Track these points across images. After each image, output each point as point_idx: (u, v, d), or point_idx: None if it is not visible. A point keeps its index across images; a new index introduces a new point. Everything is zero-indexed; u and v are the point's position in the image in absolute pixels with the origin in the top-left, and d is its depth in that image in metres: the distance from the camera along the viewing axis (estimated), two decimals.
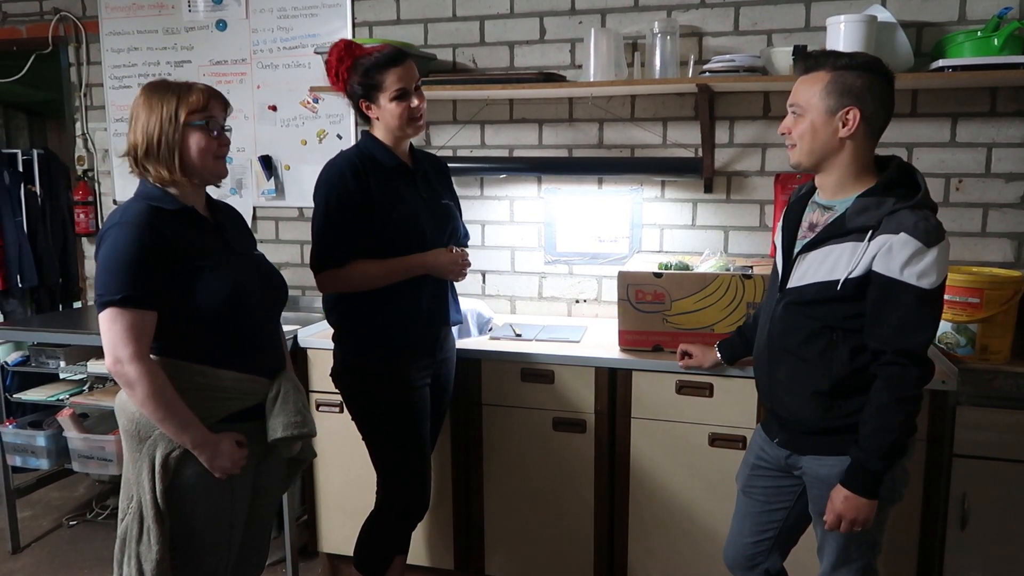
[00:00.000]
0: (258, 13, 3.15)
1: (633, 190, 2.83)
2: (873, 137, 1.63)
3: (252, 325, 1.76)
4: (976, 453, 2.09)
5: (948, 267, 1.59)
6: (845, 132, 1.59)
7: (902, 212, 1.56)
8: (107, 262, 1.59)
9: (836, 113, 1.59)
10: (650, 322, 2.32)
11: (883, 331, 1.58)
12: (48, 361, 2.94)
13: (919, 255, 1.52)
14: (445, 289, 2.19)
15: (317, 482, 2.66)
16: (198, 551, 1.72)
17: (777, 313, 1.74)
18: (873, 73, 1.59)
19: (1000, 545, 2.12)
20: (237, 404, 1.73)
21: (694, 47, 2.67)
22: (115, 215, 1.64)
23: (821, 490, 1.70)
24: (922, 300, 1.54)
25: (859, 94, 1.58)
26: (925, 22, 2.49)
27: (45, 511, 3.35)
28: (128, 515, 1.70)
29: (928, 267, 1.53)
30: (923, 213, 1.56)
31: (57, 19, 3.41)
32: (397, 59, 2.01)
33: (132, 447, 1.70)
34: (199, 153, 1.68)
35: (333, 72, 2.06)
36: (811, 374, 1.67)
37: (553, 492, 2.45)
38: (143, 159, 1.66)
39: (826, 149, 1.63)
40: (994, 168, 2.50)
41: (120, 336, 1.57)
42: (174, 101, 1.65)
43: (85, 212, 3.50)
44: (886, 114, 1.63)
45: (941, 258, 1.54)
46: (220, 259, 1.71)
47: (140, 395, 1.59)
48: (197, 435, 1.64)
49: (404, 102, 2.01)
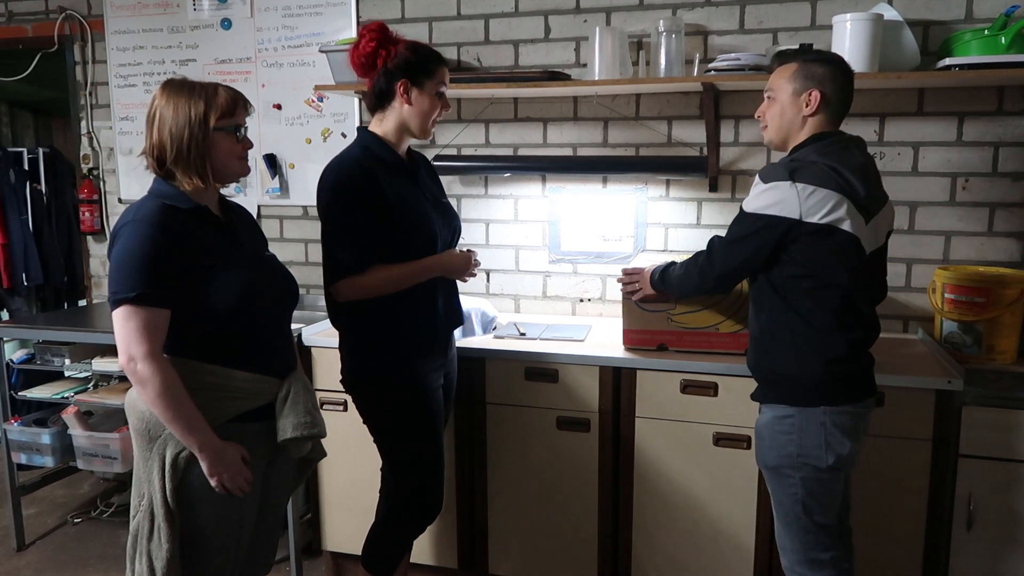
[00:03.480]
0: (263, 12, 3.16)
1: (638, 189, 2.83)
2: (832, 121, 1.83)
3: (264, 325, 1.75)
4: (982, 453, 2.09)
5: (790, 201, 1.71)
6: (808, 111, 1.81)
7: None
8: (121, 259, 1.58)
9: (800, 95, 1.81)
10: (655, 321, 2.31)
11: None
12: (53, 359, 2.95)
13: (755, 187, 1.79)
14: (455, 289, 2.20)
15: (321, 481, 2.66)
16: (207, 550, 1.72)
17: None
18: (834, 65, 1.82)
19: (1006, 545, 2.11)
20: (248, 404, 1.72)
21: (699, 46, 2.67)
22: (129, 212, 1.63)
23: (758, 439, 1.90)
24: (739, 215, 1.82)
25: (821, 79, 1.80)
26: (932, 20, 2.48)
27: (50, 508, 3.36)
28: (140, 512, 1.70)
29: (753, 195, 1.78)
30: (784, 161, 1.79)
31: (63, 18, 3.42)
32: (446, 60, 2.08)
33: (143, 446, 1.69)
34: (227, 157, 1.68)
35: (374, 45, 1.96)
36: (752, 321, 1.92)
37: (557, 491, 2.45)
38: (172, 164, 1.64)
39: (791, 127, 1.85)
40: (1001, 167, 2.49)
41: (134, 334, 1.57)
42: (201, 104, 1.64)
43: (90, 210, 3.51)
44: (844, 101, 1.83)
45: (773, 191, 1.73)
46: (233, 259, 1.70)
47: (151, 393, 1.58)
48: (204, 438, 1.63)
49: (441, 101, 2.04)
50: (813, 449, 1.78)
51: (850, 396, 1.79)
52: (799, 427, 1.79)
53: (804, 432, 1.79)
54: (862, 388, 1.83)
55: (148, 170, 1.71)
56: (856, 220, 1.72)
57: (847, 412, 1.78)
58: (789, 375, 1.81)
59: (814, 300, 1.76)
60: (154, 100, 1.67)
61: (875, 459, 2.12)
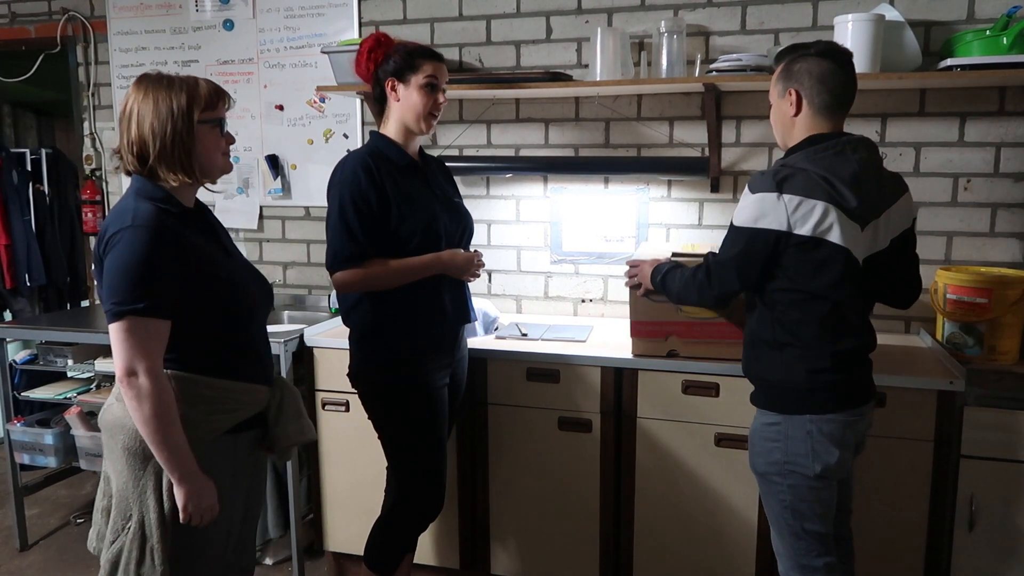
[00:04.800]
0: (265, 13, 3.16)
1: (639, 189, 2.83)
2: (820, 114, 1.75)
3: (255, 331, 1.72)
4: (984, 454, 2.09)
5: (778, 213, 1.67)
6: (791, 111, 1.77)
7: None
8: (123, 268, 1.48)
9: (784, 96, 1.78)
10: (663, 312, 2.24)
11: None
12: (56, 359, 2.95)
13: (743, 198, 1.74)
14: (464, 288, 2.21)
15: (323, 481, 2.66)
16: (200, 565, 1.66)
17: None
18: (812, 56, 1.74)
19: (1008, 546, 2.11)
20: (242, 414, 1.66)
21: (701, 46, 2.67)
22: (125, 216, 1.52)
23: (749, 444, 1.87)
24: (730, 229, 1.77)
25: (797, 76, 1.75)
26: (933, 21, 2.48)
27: (53, 509, 3.36)
28: (124, 536, 1.60)
29: (741, 207, 1.73)
30: (773, 169, 1.72)
31: (65, 19, 3.42)
32: (437, 56, 2.11)
33: (134, 465, 1.58)
34: (211, 152, 1.61)
35: (367, 51, 2.10)
36: (745, 325, 1.90)
37: (559, 491, 2.45)
38: (155, 160, 1.56)
39: (785, 129, 1.81)
40: (1002, 168, 2.49)
41: (138, 347, 1.49)
42: (183, 97, 1.56)
43: (93, 211, 3.52)
44: (832, 92, 1.73)
45: (759, 203, 1.68)
46: (224, 265, 1.65)
47: (147, 411, 1.49)
48: (187, 468, 1.54)
49: (431, 95, 2.06)
50: (800, 457, 1.74)
51: (837, 405, 1.74)
52: (785, 434, 1.76)
53: (790, 440, 1.75)
54: (852, 397, 1.77)
55: (120, 170, 1.62)
56: (847, 230, 1.67)
57: (835, 420, 1.74)
58: (775, 382, 1.78)
59: (801, 311, 1.73)
60: (129, 96, 1.59)
61: (876, 459, 2.12)
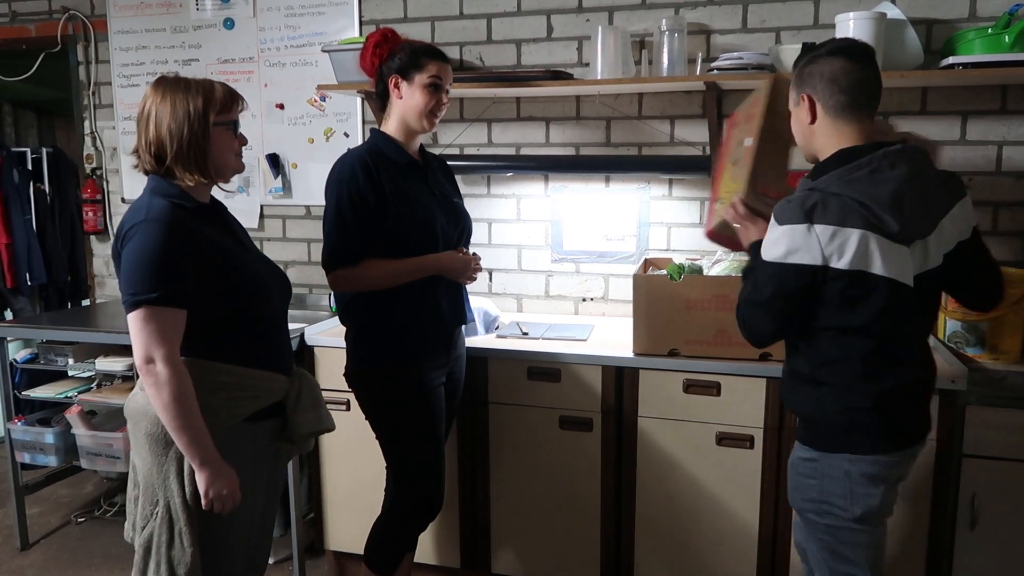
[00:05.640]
0: (265, 11, 3.16)
1: (640, 188, 2.82)
2: (840, 119, 1.60)
3: (272, 322, 1.77)
4: (986, 453, 2.08)
5: (810, 246, 1.52)
6: (807, 119, 1.64)
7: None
8: (138, 260, 1.55)
9: (798, 104, 1.66)
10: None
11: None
12: (56, 358, 2.96)
13: (771, 229, 1.57)
14: (461, 289, 2.21)
15: (324, 480, 2.66)
16: (226, 550, 1.71)
17: None
18: (823, 56, 1.61)
19: (1010, 546, 2.11)
20: (263, 402, 1.73)
21: (702, 45, 2.66)
22: (140, 211, 1.60)
23: (788, 478, 1.75)
24: (761, 264, 1.59)
25: (807, 79, 1.63)
26: (935, 19, 2.47)
27: (54, 508, 3.36)
28: (154, 521, 1.66)
29: (769, 240, 1.57)
30: (801, 195, 1.55)
31: (66, 18, 3.42)
32: (443, 56, 2.10)
33: (157, 451, 1.64)
34: (225, 152, 1.68)
35: (373, 46, 2.08)
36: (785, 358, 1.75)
37: (560, 491, 2.45)
38: (172, 161, 1.63)
39: (806, 139, 1.68)
40: (1004, 166, 2.49)
41: (155, 335, 1.54)
42: (200, 100, 1.63)
43: (93, 210, 3.51)
44: (841, 92, 1.59)
45: (789, 236, 1.53)
46: (240, 256, 1.71)
47: (166, 397, 1.55)
48: (207, 453, 1.59)
49: (434, 95, 2.05)
50: (836, 498, 1.61)
51: (880, 446, 1.59)
52: (821, 472, 1.63)
53: (826, 478, 1.62)
54: (898, 437, 1.61)
55: (139, 169, 1.69)
56: (890, 256, 1.50)
57: (878, 462, 1.59)
58: (811, 416, 1.65)
59: (840, 348, 1.58)
60: (147, 98, 1.66)
61: None
